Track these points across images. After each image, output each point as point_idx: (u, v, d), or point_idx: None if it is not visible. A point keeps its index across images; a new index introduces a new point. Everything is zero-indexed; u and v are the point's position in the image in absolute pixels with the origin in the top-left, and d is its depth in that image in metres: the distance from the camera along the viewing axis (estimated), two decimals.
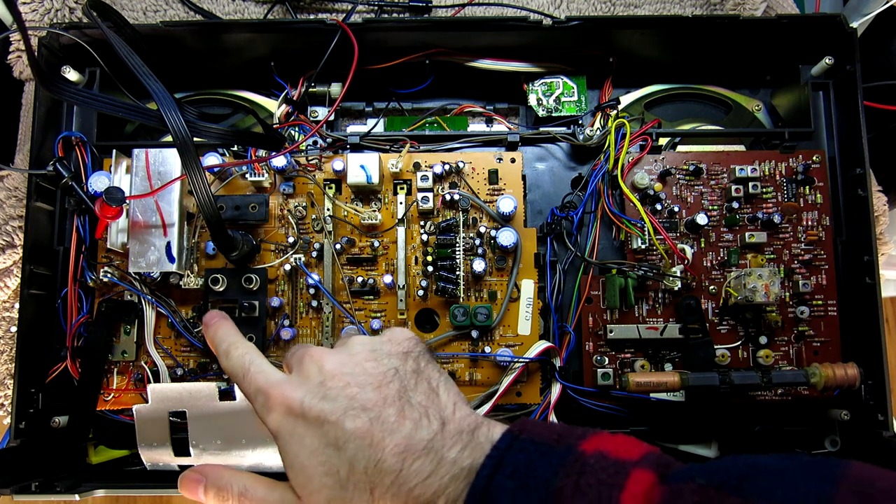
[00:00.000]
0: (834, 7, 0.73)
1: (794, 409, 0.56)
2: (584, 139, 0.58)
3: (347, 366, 0.37)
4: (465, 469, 0.32)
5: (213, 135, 0.46)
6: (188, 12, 0.65)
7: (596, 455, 0.30)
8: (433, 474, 0.32)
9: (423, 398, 0.36)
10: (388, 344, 0.39)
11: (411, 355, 0.39)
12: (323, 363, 0.37)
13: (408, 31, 0.57)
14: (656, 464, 0.30)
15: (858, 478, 0.26)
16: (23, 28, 0.43)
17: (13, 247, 0.60)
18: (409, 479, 0.32)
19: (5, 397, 0.63)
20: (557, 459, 0.30)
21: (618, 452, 0.30)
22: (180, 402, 0.52)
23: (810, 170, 0.57)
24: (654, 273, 0.55)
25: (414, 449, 0.33)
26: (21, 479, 0.51)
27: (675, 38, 0.59)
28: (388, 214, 0.56)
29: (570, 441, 0.32)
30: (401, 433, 0.33)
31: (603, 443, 0.31)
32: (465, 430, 0.34)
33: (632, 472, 0.29)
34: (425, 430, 0.34)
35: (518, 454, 0.31)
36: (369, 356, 0.38)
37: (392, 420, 0.34)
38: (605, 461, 0.30)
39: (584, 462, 0.30)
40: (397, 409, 0.35)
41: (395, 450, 0.33)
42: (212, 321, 0.47)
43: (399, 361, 0.38)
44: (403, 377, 0.37)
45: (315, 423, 0.35)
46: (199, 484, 0.39)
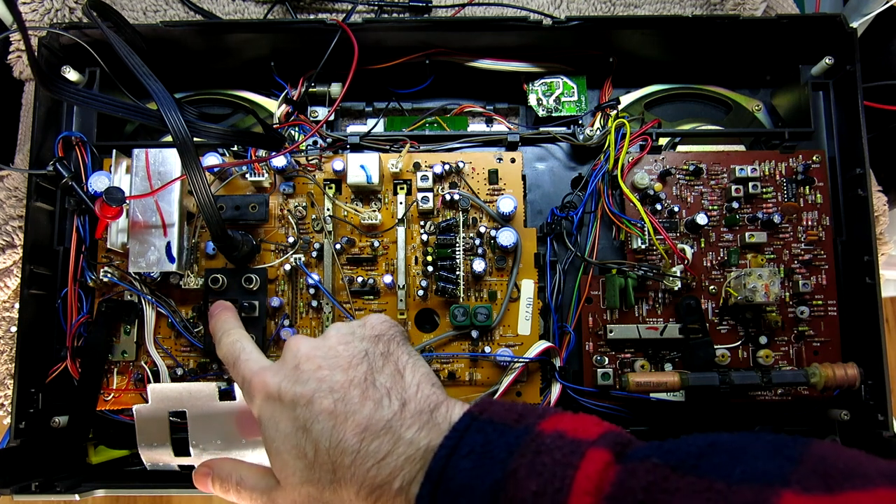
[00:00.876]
0: (834, 7, 0.73)
1: (794, 409, 0.56)
2: (584, 139, 0.58)
3: (321, 349, 0.38)
4: (422, 449, 0.32)
5: (213, 135, 0.46)
6: (188, 12, 0.65)
7: (553, 435, 0.30)
8: (389, 454, 0.32)
9: (386, 379, 0.37)
10: (361, 328, 0.40)
11: (383, 338, 0.40)
12: (299, 348, 0.39)
13: (408, 31, 0.57)
14: (614, 443, 0.30)
15: (820, 456, 0.26)
16: (23, 28, 0.43)
17: (13, 247, 0.60)
18: (366, 459, 0.33)
19: (5, 397, 0.63)
20: (514, 439, 0.30)
21: (576, 432, 0.30)
22: (180, 402, 0.52)
23: (810, 170, 0.57)
24: (654, 273, 0.55)
25: (373, 429, 0.33)
26: (21, 479, 0.51)
27: (675, 38, 0.59)
28: (388, 214, 0.56)
29: (529, 421, 0.32)
30: (362, 413, 0.34)
31: (562, 422, 0.31)
32: (425, 409, 0.34)
33: (587, 452, 0.29)
34: (385, 409, 0.34)
35: (476, 434, 0.31)
36: (342, 339, 0.39)
37: (355, 401, 0.35)
38: (561, 441, 0.30)
39: (540, 442, 0.30)
40: (361, 390, 0.35)
41: (356, 430, 0.33)
42: (214, 311, 0.50)
43: (370, 344, 0.39)
44: (372, 359, 0.38)
45: (289, 406, 0.36)
46: (208, 477, 0.42)
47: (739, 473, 0.25)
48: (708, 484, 0.26)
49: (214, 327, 0.48)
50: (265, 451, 0.38)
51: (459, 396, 0.55)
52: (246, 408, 0.51)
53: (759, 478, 0.25)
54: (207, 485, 0.42)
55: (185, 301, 0.56)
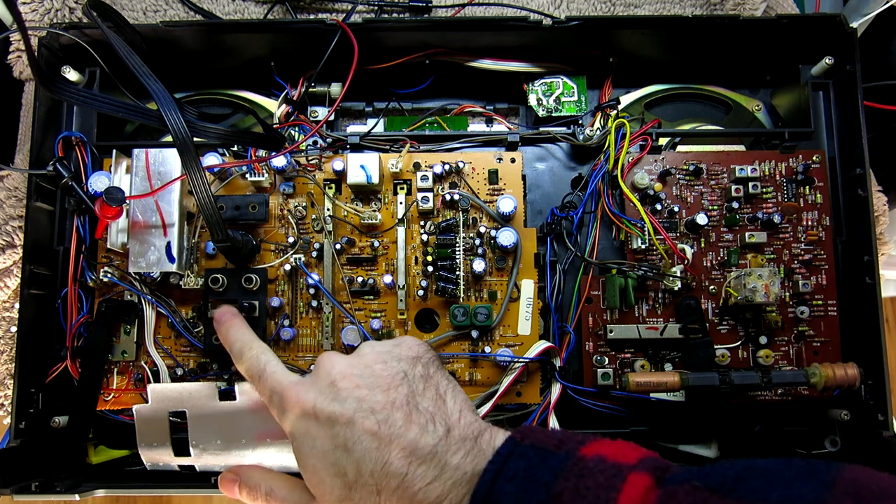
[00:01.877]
0: (834, 7, 0.73)
1: (794, 409, 0.56)
2: (584, 139, 0.58)
3: (357, 367, 0.38)
4: (468, 474, 0.33)
5: (213, 135, 0.46)
6: (188, 12, 0.65)
7: (595, 459, 0.31)
8: (437, 479, 0.33)
9: (430, 404, 0.37)
10: (398, 348, 0.40)
11: (421, 361, 0.40)
12: (334, 365, 0.39)
13: (408, 31, 0.57)
14: (653, 467, 0.30)
15: (853, 480, 0.26)
16: (23, 28, 0.43)
17: (13, 247, 0.60)
18: (413, 482, 0.33)
19: (5, 397, 0.63)
20: (558, 464, 0.31)
21: (616, 457, 0.31)
22: (180, 402, 0.52)
23: (810, 170, 0.57)
24: (654, 273, 0.55)
25: (419, 454, 0.34)
26: (21, 479, 0.51)
27: (675, 38, 0.59)
28: (388, 214, 0.56)
29: (570, 446, 0.32)
30: (407, 437, 0.34)
31: (602, 448, 0.32)
32: (469, 436, 0.35)
33: (629, 476, 0.29)
34: (431, 435, 0.34)
35: (519, 460, 0.32)
36: (379, 358, 0.39)
37: (399, 424, 0.35)
38: (603, 465, 0.30)
39: (583, 466, 0.31)
40: (405, 413, 0.36)
41: (402, 454, 0.34)
42: (223, 319, 0.49)
43: (408, 366, 0.39)
44: (412, 381, 0.38)
45: (326, 424, 0.36)
46: (234, 483, 0.42)
47: (777, 497, 0.26)
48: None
49: (229, 338, 0.47)
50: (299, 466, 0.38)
51: None
52: (246, 408, 0.51)
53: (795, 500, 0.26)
54: (234, 491, 0.42)
55: (185, 301, 0.56)
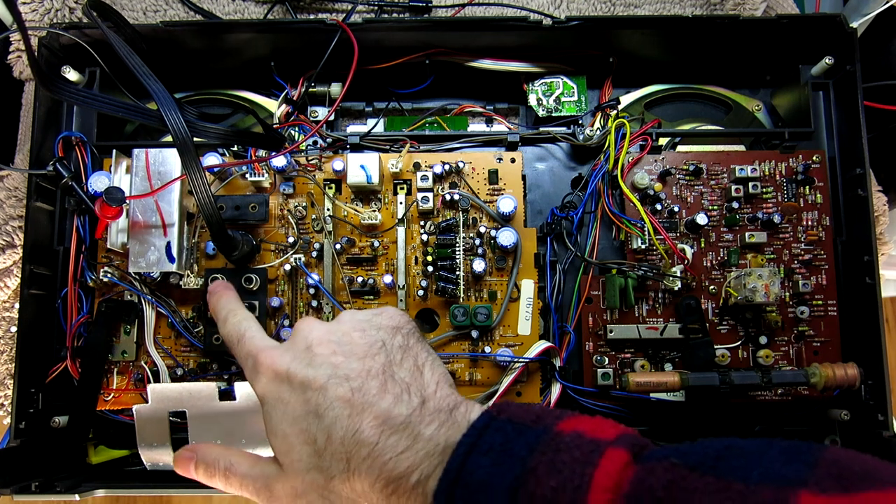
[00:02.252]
0: (834, 7, 0.73)
1: (794, 409, 0.56)
2: (584, 139, 0.58)
3: (335, 334, 0.38)
4: (441, 446, 0.32)
5: (213, 135, 0.46)
6: (188, 12, 0.65)
7: (572, 434, 0.31)
8: (408, 449, 0.32)
9: (406, 374, 0.36)
10: (378, 317, 0.39)
11: (401, 331, 0.39)
12: (311, 330, 0.38)
13: (408, 31, 0.57)
14: (632, 444, 0.30)
15: (836, 460, 0.26)
16: (23, 28, 0.43)
17: (13, 247, 0.60)
18: (384, 452, 0.32)
19: (5, 397, 0.63)
20: (534, 438, 0.31)
21: (594, 432, 0.31)
22: (180, 402, 0.52)
23: (810, 170, 0.57)
24: (654, 273, 0.55)
25: (392, 423, 0.33)
26: (21, 479, 0.51)
27: (675, 38, 0.59)
28: (388, 214, 0.56)
29: (547, 421, 0.32)
30: (380, 406, 0.34)
31: (580, 423, 0.32)
32: (444, 408, 0.34)
33: (606, 451, 0.29)
34: (405, 405, 0.34)
35: (495, 434, 0.32)
36: (357, 326, 0.38)
37: (373, 392, 0.34)
38: (580, 440, 0.30)
39: (560, 441, 0.30)
40: (380, 382, 0.35)
41: (374, 422, 0.33)
42: (216, 290, 0.49)
43: (387, 335, 0.38)
44: (390, 351, 0.37)
45: (299, 389, 0.35)
46: (191, 461, 0.40)
47: (757, 475, 0.26)
48: (726, 484, 0.26)
49: (217, 306, 0.47)
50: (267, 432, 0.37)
51: None
52: (246, 408, 0.51)
53: (776, 479, 0.25)
54: (189, 469, 0.40)
55: (185, 301, 0.56)
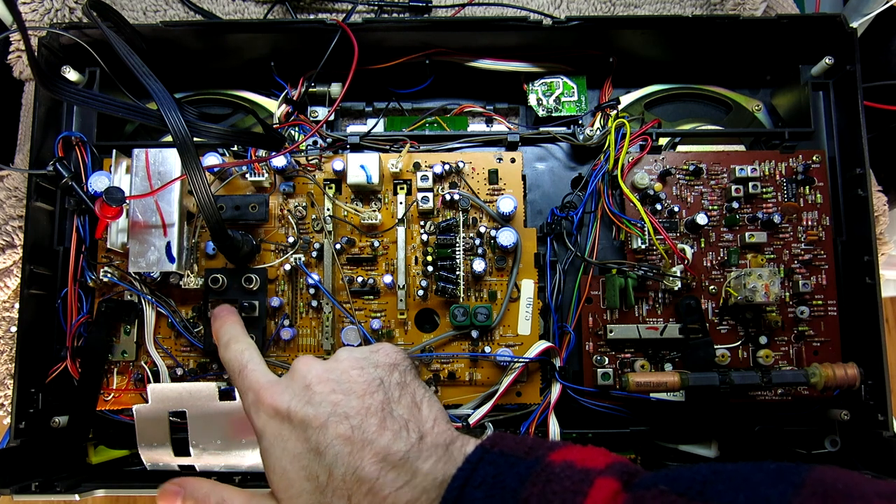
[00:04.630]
0: (834, 7, 0.73)
1: (794, 409, 0.56)
2: (584, 139, 0.58)
3: (334, 372, 0.38)
4: (438, 480, 0.33)
5: (213, 135, 0.46)
6: (188, 12, 0.65)
7: (563, 465, 0.31)
8: (407, 484, 0.33)
9: (405, 411, 0.37)
10: (375, 355, 0.40)
11: (398, 368, 0.40)
12: (310, 369, 0.39)
13: (408, 31, 0.57)
14: (621, 472, 0.31)
15: (820, 479, 0.26)
16: (23, 28, 0.43)
17: (13, 247, 0.60)
18: (383, 487, 0.33)
19: (5, 397, 0.63)
20: (525, 470, 0.31)
21: (584, 462, 0.31)
22: (180, 402, 0.52)
23: (810, 170, 0.57)
24: (654, 273, 0.55)
25: (391, 459, 0.34)
26: (21, 479, 0.51)
27: (675, 38, 0.59)
28: (388, 214, 0.56)
29: (539, 453, 0.33)
30: (380, 443, 0.35)
31: (571, 453, 0.32)
32: (441, 443, 0.35)
33: (596, 480, 0.30)
34: (403, 441, 0.35)
35: (488, 466, 0.32)
36: (355, 364, 0.39)
37: (373, 430, 0.35)
38: (570, 470, 0.31)
39: (550, 471, 0.31)
40: (379, 419, 0.36)
41: (374, 459, 0.34)
42: (220, 314, 0.50)
43: (385, 373, 0.39)
44: (388, 388, 0.38)
45: (299, 427, 0.36)
46: (178, 496, 0.40)
47: (743, 499, 0.26)
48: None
49: (220, 331, 0.48)
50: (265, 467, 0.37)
51: (459, 396, 0.55)
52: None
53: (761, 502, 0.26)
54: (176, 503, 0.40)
55: (185, 301, 0.56)
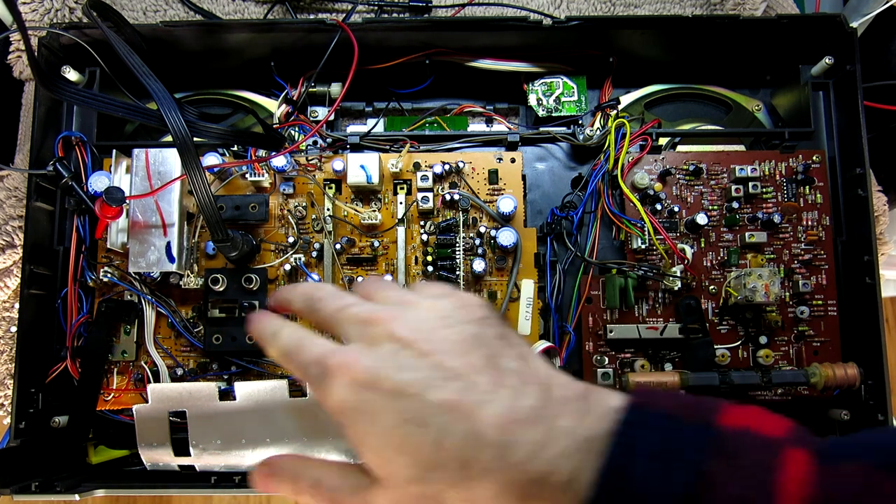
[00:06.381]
0: (834, 7, 0.73)
1: (794, 409, 0.56)
2: (584, 139, 0.58)
3: (422, 332, 0.32)
4: (582, 439, 0.28)
5: (213, 135, 0.46)
6: (188, 12, 0.65)
7: (739, 432, 0.27)
8: (545, 446, 0.28)
9: (514, 363, 0.31)
10: (461, 310, 0.34)
11: (489, 321, 0.34)
12: (392, 328, 0.32)
13: (408, 31, 0.57)
14: (807, 440, 0.26)
15: None
16: (23, 28, 0.43)
17: (13, 247, 0.60)
18: (514, 451, 0.28)
19: (5, 397, 0.63)
20: (696, 437, 0.27)
21: (761, 428, 0.27)
22: (180, 402, 0.52)
23: (810, 170, 0.57)
24: (654, 273, 0.55)
25: (517, 418, 0.28)
26: (21, 479, 0.51)
27: (675, 38, 0.59)
28: (388, 214, 0.56)
29: (704, 415, 0.28)
30: (499, 402, 0.29)
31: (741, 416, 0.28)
32: (573, 396, 0.30)
33: (786, 452, 0.25)
34: (528, 396, 0.29)
35: (651, 431, 0.27)
36: (443, 322, 0.33)
37: (485, 388, 0.30)
38: (751, 439, 0.26)
39: (726, 440, 0.26)
40: (490, 376, 0.30)
41: (495, 420, 0.29)
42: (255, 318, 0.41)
43: (479, 328, 0.33)
44: (488, 343, 0.32)
45: (390, 396, 0.30)
46: (271, 478, 0.36)
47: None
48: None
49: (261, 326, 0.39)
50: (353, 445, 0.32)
51: None
52: (246, 408, 0.51)
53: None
54: (272, 486, 0.36)
55: (185, 301, 0.56)
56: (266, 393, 0.51)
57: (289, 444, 0.51)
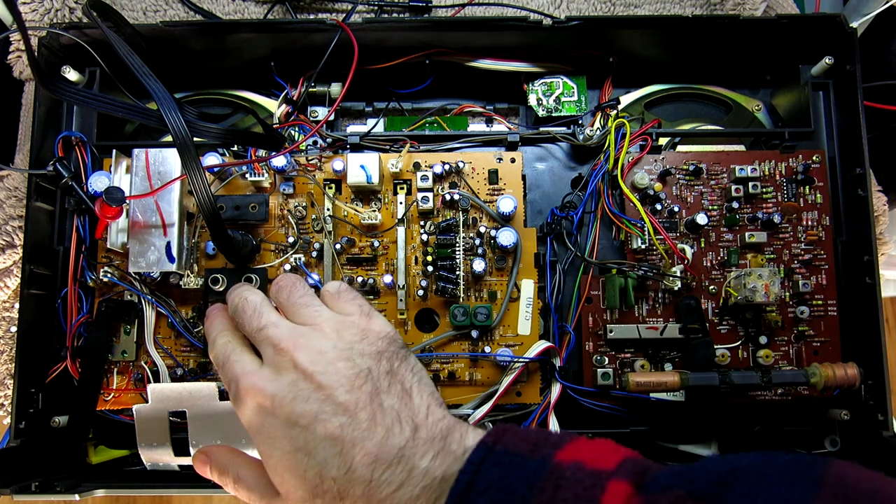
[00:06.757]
0: (834, 7, 0.73)
1: (794, 409, 0.56)
2: (584, 139, 0.58)
3: (320, 364, 0.36)
4: (438, 479, 0.31)
5: (213, 135, 0.46)
6: (188, 12, 0.65)
7: (572, 466, 0.29)
8: (404, 484, 0.31)
9: (395, 401, 0.35)
10: (361, 343, 0.38)
11: (385, 355, 0.37)
12: (295, 358, 0.36)
13: (408, 31, 0.57)
14: (633, 472, 0.29)
15: (841, 479, 0.25)
16: (23, 28, 0.43)
17: (13, 247, 0.60)
18: (379, 488, 0.31)
19: (5, 397, 0.63)
20: (532, 473, 0.29)
21: (594, 462, 0.30)
22: (180, 402, 0.52)
23: (810, 170, 0.57)
24: (654, 273, 0.55)
25: (385, 457, 0.32)
26: (21, 479, 0.51)
27: (675, 38, 0.59)
28: (388, 214, 0.56)
29: (545, 451, 0.31)
30: (372, 440, 0.33)
31: (579, 451, 0.31)
32: (438, 436, 0.33)
33: (609, 484, 0.28)
34: (397, 436, 0.33)
35: (493, 468, 0.30)
36: (342, 355, 0.36)
37: (364, 426, 0.33)
38: (581, 472, 0.29)
39: (559, 475, 0.29)
40: (369, 413, 0.34)
41: (366, 459, 0.32)
42: (209, 314, 0.47)
43: (373, 361, 0.36)
44: (377, 379, 0.36)
45: (285, 424, 0.34)
46: (206, 465, 0.41)
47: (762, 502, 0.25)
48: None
49: (209, 328, 0.45)
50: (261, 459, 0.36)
51: (459, 396, 0.55)
52: None
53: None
54: (206, 472, 0.41)
55: (185, 301, 0.56)
56: None
57: None
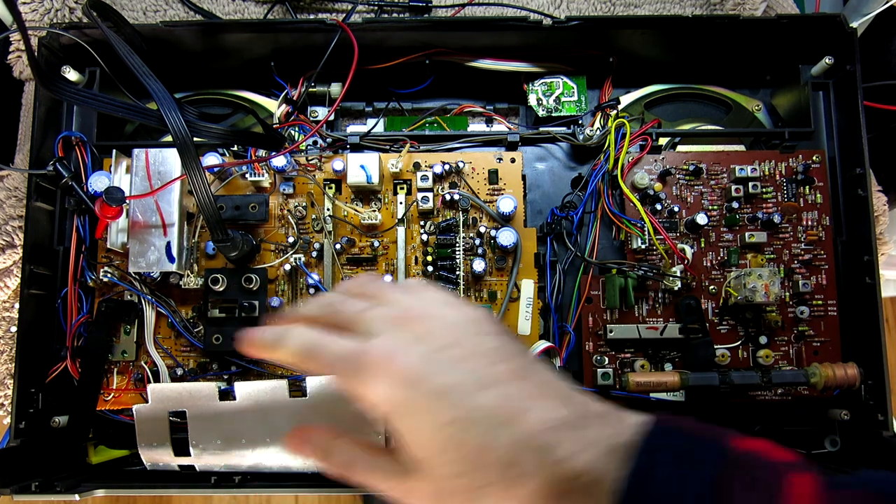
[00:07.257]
0: (834, 7, 0.73)
1: (794, 409, 0.56)
2: (584, 139, 0.58)
3: (460, 336, 0.33)
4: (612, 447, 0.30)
5: (213, 135, 0.46)
6: (188, 12, 0.65)
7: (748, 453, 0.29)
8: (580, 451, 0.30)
9: (544, 376, 0.33)
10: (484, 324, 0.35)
11: (503, 336, 0.35)
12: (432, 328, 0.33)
13: (408, 31, 0.57)
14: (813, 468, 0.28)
15: None
16: (23, 28, 0.43)
17: (13, 247, 0.60)
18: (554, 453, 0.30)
19: (5, 397, 0.63)
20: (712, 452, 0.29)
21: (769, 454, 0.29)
22: (180, 402, 0.52)
23: (810, 170, 0.57)
24: (654, 273, 0.55)
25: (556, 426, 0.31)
26: (21, 479, 0.51)
27: (675, 38, 0.59)
28: (388, 214, 0.56)
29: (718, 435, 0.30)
30: (540, 410, 0.31)
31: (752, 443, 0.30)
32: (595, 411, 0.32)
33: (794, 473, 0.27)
34: (560, 407, 0.31)
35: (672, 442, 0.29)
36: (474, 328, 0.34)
37: (525, 396, 0.31)
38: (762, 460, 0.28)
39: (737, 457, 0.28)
40: (528, 385, 0.32)
41: (538, 427, 0.30)
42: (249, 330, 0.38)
43: (502, 341, 0.34)
44: (517, 355, 0.34)
45: (435, 396, 0.31)
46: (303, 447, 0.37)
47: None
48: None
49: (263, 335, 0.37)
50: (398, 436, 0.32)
51: None
52: (245, 408, 0.51)
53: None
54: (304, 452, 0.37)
55: (185, 301, 0.56)
56: (266, 393, 0.51)
57: None
